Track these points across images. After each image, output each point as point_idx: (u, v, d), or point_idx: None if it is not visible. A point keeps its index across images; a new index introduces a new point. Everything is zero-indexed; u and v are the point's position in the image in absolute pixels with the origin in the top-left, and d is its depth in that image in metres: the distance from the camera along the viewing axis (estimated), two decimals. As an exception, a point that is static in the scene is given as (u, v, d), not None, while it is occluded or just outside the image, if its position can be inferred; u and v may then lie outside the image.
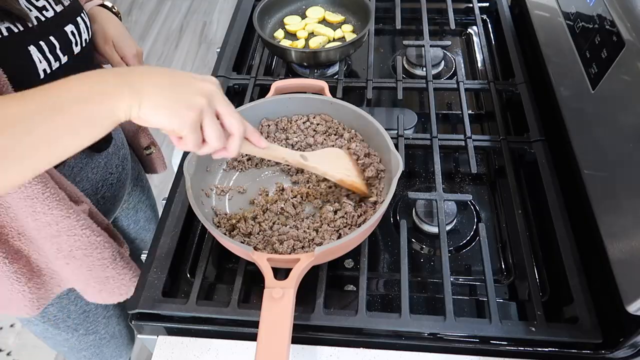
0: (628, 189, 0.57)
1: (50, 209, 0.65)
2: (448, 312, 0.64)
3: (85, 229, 0.71)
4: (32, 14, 0.65)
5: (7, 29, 0.61)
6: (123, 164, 0.88)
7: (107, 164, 0.83)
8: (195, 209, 0.66)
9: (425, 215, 0.76)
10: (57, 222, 0.67)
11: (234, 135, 0.56)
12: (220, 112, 0.54)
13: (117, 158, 0.86)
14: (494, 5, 1.13)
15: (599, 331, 0.62)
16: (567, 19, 0.75)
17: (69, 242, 0.70)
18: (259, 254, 0.63)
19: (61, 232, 0.69)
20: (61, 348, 0.96)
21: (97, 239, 0.74)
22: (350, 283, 0.72)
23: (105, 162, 0.83)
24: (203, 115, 0.52)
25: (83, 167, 0.78)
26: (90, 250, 0.73)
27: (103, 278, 0.78)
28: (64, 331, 0.90)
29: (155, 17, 2.87)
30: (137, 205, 1.04)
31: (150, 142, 1.01)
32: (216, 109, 0.54)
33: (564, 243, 0.70)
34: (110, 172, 0.84)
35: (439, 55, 1.02)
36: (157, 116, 0.50)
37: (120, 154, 0.87)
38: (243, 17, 1.12)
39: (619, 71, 0.60)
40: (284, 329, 0.56)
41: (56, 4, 0.69)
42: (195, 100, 0.51)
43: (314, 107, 0.82)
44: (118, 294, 0.81)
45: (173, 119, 0.50)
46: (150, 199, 1.11)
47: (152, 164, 1.06)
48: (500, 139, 0.85)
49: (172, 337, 0.68)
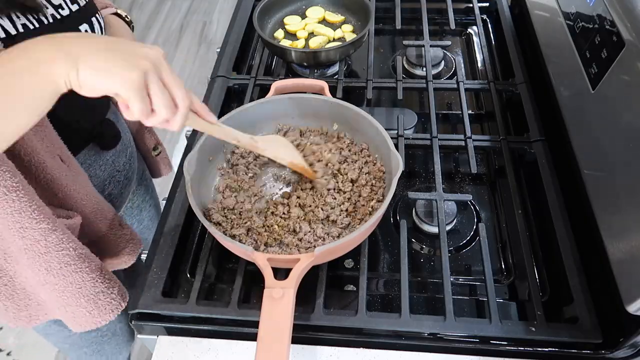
0: (628, 189, 0.57)
1: (38, 222, 0.64)
2: (448, 312, 0.64)
3: (71, 242, 0.69)
4: (49, 12, 0.65)
5: (22, 25, 0.61)
6: (130, 162, 0.88)
7: (115, 162, 0.83)
8: (195, 209, 0.66)
9: (425, 215, 0.76)
10: (45, 236, 0.65)
11: (180, 107, 0.53)
12: (166, 81, 0.51)
13: (125, 156, 0.86)
14: (494, 5, 1.13)
15: (599, 331, 0.62)
16: (567, 19, 0.76)
17: (58, 257, 0.68)
18: (259, 254, 0.63)
19: (50, 248, 0.67)
20: (63, 345, 0.96)
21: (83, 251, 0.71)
22: (350, 283, 0.72)
23: (113, 160, 0.83)
24: (148, 80, 0.49)
25: (91, 164, 0.78)
26: (80, 263, 0.71)
27: (94, 295, 0.75)
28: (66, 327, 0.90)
29: (155, 17, 2.87)
30: (142, 204, 1.04)
31: (156, 142, 1.01)
32: (161, 76, 0.51)
33: (564, 243, 0.70)
34: (117, 170, 0.84)
35: (439, 55, 1.02)
36: (97, 79, 0.47)
37: (127, 152, 0.87)
38: (243, 17, 1.12)
39: (619, 71, 0.60)
40: (284, 329, 0.56)
41: (72, 3, 0.69)
42: (137, 61, 0.48)
43: (314, 107, 0.82)
44: (109, 310, 0.78)
45: (114, 79, 0.47)
46: (154, 198, 1.11)
47: (157, 166, 1.05)
48: (500, 139, 0.85)
49: (172, 337, 0.68)
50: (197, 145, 0.73)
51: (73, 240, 0.69)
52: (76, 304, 0.75)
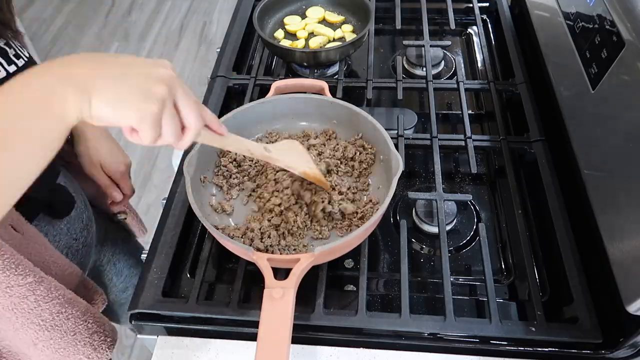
0: (628, 189, 0.57)
1: (24, 277, 0.60)
2: (448, 312, 0.64)
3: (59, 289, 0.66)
4: None
5: None
6: (88, 227, 0.81)
7: (70, 230, 0.77)
8: (195, 209, 0.66)
9: (425, 215, 0.76)
10: (32, 290, 0.62)
11: (190, 130, 0.50)
12: (180, 104, 0.49)
13: (81, 222, 0.79)
14: (494, 5, 1.13)
15: (599, 331, 0.62)
16: (567, 19, 0.76)
17: (49, 308, 0.64)
18: (259, 254, 0.63)
19: (39, 302, 0.63)
20: None
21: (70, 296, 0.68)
22: (350, 283, 0.72)
23: (68, 228, 0.76)
24: (164, 110, 0.46)
25: (44, 235, 0.70)
26: (71, 309, 0.67)
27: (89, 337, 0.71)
28: None
29: (155, 17, 2.87)
30: (112, 258, 0.96)
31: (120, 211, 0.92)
32: (175, 99, 0.48)
33: (564, 243, 0.70)
34: (74, 238, 0.77)
35: (439, 55, 1.02)
36: (112, 111, 0.44)
37: (83, 217, 0.80)
38: (243, 17, 1.12)
39: (619, 71, 0.60)
40: (284, 329, 0.56)
41: (9, 65, 0.64)
42: (156, 90, 0.45)
43: (314, 107, 0.82)
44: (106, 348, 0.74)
45: (130, 112, 0.44)
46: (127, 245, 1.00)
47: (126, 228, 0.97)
48: (500, 139, 0.85)
49: (172, 337, 0.68)
50: (197, 145, 0.73)
51: (60, 287, 0.66)
52: (74, 352, 0.70)
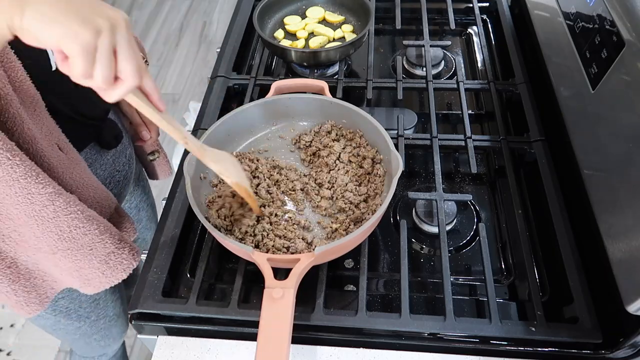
0: (628, 189, 0.57)
1: (44, 186, 0.63)
2: (448, 312, 0.64)
3: (78, 204, 0.69)
4: None
5: None
6: (129, 162, 0.88)
7: (115, 162, 0.84)
8: (195, 209, 0.66)
9: (425, 215, 0.76)
10: (52, 201, 0.65)
11: (123, 82, 0.48)
12: (119, 49, 0.46)
13: (125, 156, 0.86)
14: (494, 5, 1.13)
15: (599, 331, 0.62)
16: (567, 19, 0.76)
17: (67, 221, 0.68)
18: (259, 254, 0.63)
19: (58, 212, 0.66)
20: (72, 336, 0.96)
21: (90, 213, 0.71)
22: (350, 283, 0.72)
23: (114, 160, 0.83)
24: (99, 42, 0.44)
25: (92, 163, 0.78)
26: (89, 226, 0.71)
27: (105, 255, 0.75)
28: (76, 320, 0.91)
29: (155, 17, 2.87)
30: (139, 204, 1.05)
31: (153, 149, 0.99)
32: (116, 42, 0.46)
33: (564, 243, 0.70)
34: (117, 170, 0.84)
35: (439, 55, 1.02)
36: (43, 27, 0.43)
37: (127, 153, 0.87)
38: (243, 17, 1.12)
39: (619, 71, 0.60)
40: (284, 329, 0.56)
41: None
42: (94, 19, 0.44)
43: (314, 107, 0.82)
44: (121, 270, 0.78)
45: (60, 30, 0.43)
46: (150, 198, 1.12)
47: (154, 169, 1.05)
48: (500, 139, 0.85)
49: (172, 337, 0.69)
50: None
51: (79, 203, 0.69)
52: (89, 266, 0.75)
